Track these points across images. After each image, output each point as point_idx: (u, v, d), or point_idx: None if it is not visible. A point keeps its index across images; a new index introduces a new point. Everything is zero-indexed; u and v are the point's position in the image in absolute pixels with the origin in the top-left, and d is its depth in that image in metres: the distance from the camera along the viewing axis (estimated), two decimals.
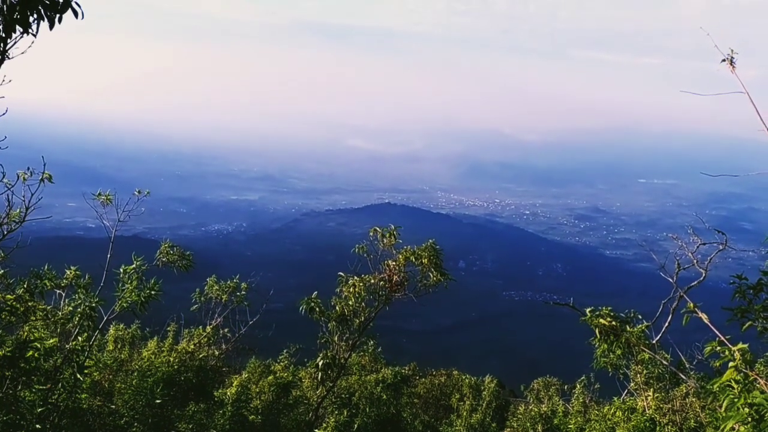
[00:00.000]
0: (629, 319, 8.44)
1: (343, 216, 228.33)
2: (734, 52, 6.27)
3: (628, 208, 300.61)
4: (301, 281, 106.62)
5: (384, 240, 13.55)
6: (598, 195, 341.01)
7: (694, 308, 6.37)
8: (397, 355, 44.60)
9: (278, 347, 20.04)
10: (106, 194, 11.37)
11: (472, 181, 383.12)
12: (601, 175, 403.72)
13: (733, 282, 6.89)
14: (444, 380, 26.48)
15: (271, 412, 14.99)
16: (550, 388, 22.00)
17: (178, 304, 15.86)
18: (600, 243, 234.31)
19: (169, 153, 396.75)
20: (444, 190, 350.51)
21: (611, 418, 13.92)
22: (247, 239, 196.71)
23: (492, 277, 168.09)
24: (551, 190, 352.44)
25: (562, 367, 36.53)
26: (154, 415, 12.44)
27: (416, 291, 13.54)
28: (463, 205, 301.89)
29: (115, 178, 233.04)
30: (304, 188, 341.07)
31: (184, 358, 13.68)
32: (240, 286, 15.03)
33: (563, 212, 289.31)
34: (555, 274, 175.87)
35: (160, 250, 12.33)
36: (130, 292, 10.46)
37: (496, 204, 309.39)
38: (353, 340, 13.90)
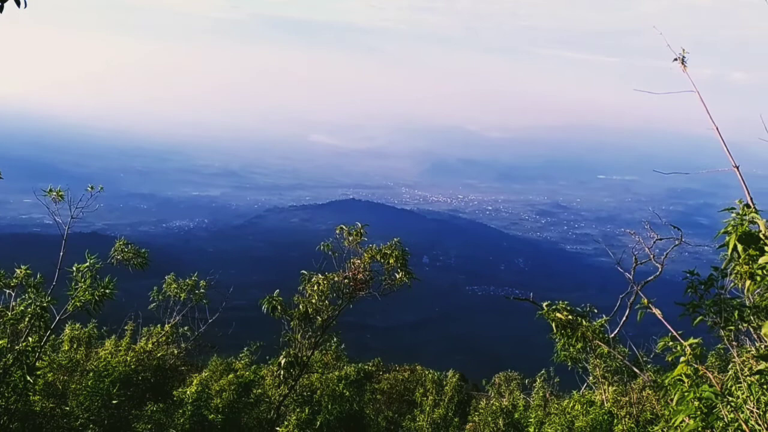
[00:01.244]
0: (586, 313, 8.55)
1: (307, 212, 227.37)
2: (685, 52, 6.39)
3: (588, 203, 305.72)
4: (264, 278, 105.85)
5: (350, 238, 13.51)
6: (559, 191, 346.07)
7: (649, 304, 6.48)
8: (362, 351, 44.57)
9: (241, 345, 19.86)
10: (57, 190, 11.06)
11: (436, 177, 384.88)
12: (562, 171, 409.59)
13: (685, 277, 7.03)
14: (407, 376, 26.54)
15: (232, 411, 14.81)
16: (511, 383, 22.27)
17: (136, 303, 15.59)
18: (561, 238, 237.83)
19: (129, 148, 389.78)
20: (408, 186, 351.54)
21: (570, 412, 14.14)
22: (208, 236, 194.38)
23: (455, 272, 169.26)
24: (513, 186, 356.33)
25: (523, 362, 36.97)
26: (111, 416, 12.20)
27: (381, 290, 13.52)
28: (427, 201, 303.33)
29: (74, 174, 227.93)
30: (268, 184, 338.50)
31: (141, 357, 13.43)
32: (199, 284, 14.82)
33: (525, 208, 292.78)
34: (517, 269, 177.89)
35: (115, 247, 12.06)
36: (83, 291, 10.20)
37: (459, 200, 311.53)
38: (316, 338, 13.83)
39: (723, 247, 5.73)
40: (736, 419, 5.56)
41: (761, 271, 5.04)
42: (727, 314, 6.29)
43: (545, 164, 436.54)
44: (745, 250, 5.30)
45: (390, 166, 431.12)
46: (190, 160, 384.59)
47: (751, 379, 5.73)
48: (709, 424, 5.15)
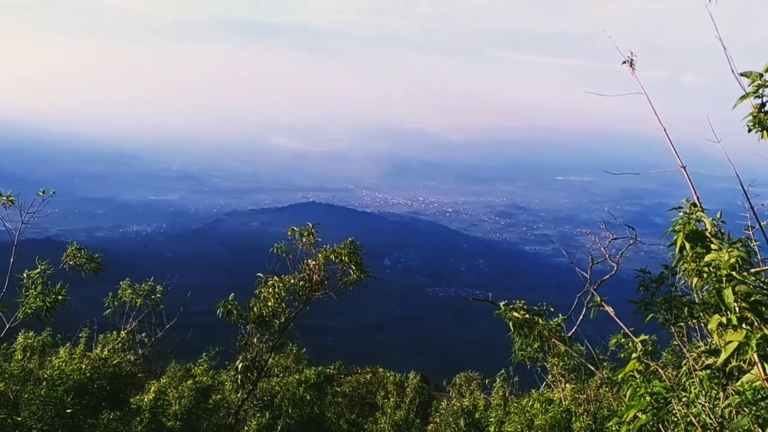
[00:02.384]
0: (542, 312, 8.68)
1: (267, 215, 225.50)
2: (634, 55, 6.55)
3: (546, 204, 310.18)
4: (224, 282, 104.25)
5: (303, 239, 13.46)
6: (517, 192, 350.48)
7: (601, 302, 6.62)
8: (323, 353, 44.39)
9: (200, 350, 19.57)
10: (7, 195, 10.77)
11: (396, 179, 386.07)
12: (520, 172, 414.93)
13: (637, 276, 7.20)
14: (369, 378, 26.53)
15: (190, 417, 14.60)
16: (471, 383, 22.43)
17: (91, 309, 15.26)
18: (520, 239, 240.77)
19: (85, 153, 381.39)
20: (369, 188, 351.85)
21: (530, 410, 14.32)
22: (166, 240, 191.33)
23: (416, 274, 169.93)
24: (473, 187, 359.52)
25: (484, 362, 37.24)
26: (65, 425, 11.91)
27: (337, 289, 13.51)
28: (388, 203, 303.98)
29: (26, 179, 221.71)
30: (227, 188, 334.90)
31: (97, 364, 13.14)
32: (155, 289, 14.59)
33: (484, 209, 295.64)
34: (477, 270, 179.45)
35: (67, 252, 11.79)
36: (34, 298, 9.95)
37: (419, 202, 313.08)
38: (273, 341, 13.74)
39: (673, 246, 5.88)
40: (688, 414, 5.71)
41: (707, 268, 5.19)
42: (677, 311, 6.45)
43: (504, 166, 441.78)
44: (693, 248, 5.46)
45: (350, 168, 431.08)
46: (147, 163, 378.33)
47: (702, 374, 5.89)
48: (660, 419, 5.28)
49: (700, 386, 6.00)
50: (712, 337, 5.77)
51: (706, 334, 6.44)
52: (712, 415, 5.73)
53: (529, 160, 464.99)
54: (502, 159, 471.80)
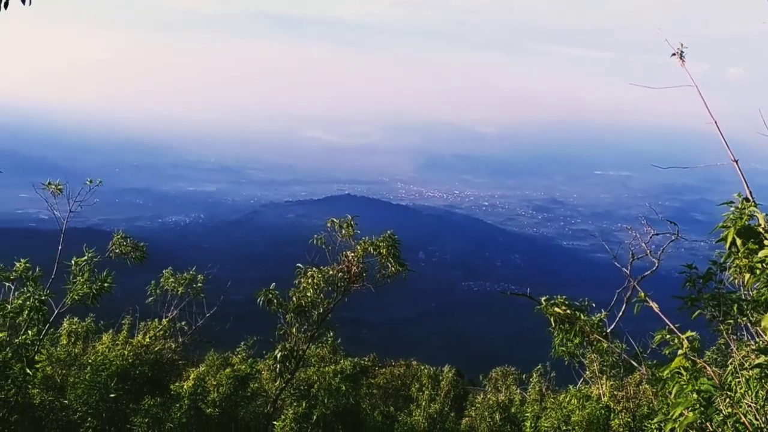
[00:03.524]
0: (583, 308, 8.59)
1: (303, 207, 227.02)
2: (684, 47, 6.41)
3: (584, 199, 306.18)
4: (260, 273, 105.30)
5: (342, 231, 13.52)
6: (555, 186, 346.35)
7: (646, 297, 6.52)
8: (357, 346, 44.58)
9: (237, 339, 19.83)
10: (56, 184, 11.05)
11: (430, 172, 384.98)
12: (557, 166, 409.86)
13: (683, 271, 7.06)
14: (403, 371, 26.59)
15: (228, 405, 14.83)
16: (507, 378, 22.31)
17: (133, 297, 15.56)
18: (557, 234, 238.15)
19: (122, 143, 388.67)
20: (403, 181, 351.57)
21: (567, 406, 14.19)
22: (205, 231, 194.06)
23: (451, 267, 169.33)
24: (509, 181, 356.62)
25: (519, 357, 37.03)
26: (108, 409, 12.21)
27: (375, 282, 13.54)
28: (423, 196, 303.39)
29: (68, 169, 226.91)
30: (263, 179, 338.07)
31: (139, 351, 13.43)
32: (196, 278, 14.81)
33: (521, 203, 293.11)
34: (513, 265, 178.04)
35: (113, 241, 12.05)
36: (81, 285, 10.21)
37: (455, 195, 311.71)
38: (312, 331, 13.85)
39: (721, 242, 5.75)
40: (735, 413, 5.60)
41: (761, 264, 5.07)
42: (726, 308, 6.32)
43: (540, 159, 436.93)
44: (744, 244, 5.33)
45: (385, 161, 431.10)
46: (184, 155, 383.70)
47: (750, 374, 5.77)
48: (708, 417, 5.18)
49: (746, 386, 5.88)
50: (762, 336, 5.64)
51: (755, 333, 6.30)
52: (758, 415, 5.62)
53: (566, 154, 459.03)
54: (538, 153, 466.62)
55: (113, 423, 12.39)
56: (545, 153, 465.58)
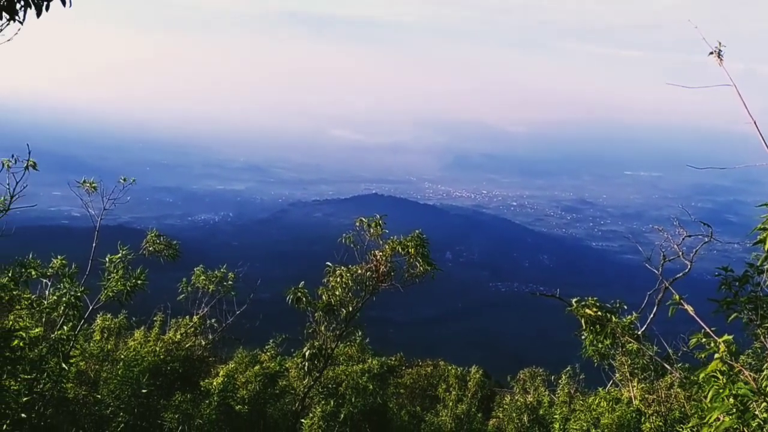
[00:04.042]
0: (615, 310, 8.49)
1: (330, 206, 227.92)
2: (722, 45, 6.29)
3: (614, 200, 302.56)
4: (287, 272, 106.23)
5: (370, 230, 13.54)
6: (584, 187, 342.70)
7: (680, 300, 6.42)
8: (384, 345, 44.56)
9: (265, 337, 19.98)
10: (90, 182, 11.25)
11: (458, 172, 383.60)
12: (586, 166, 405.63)
13: (718, 274, 6.95)
14: (430, 371, 26.52)
15: (257, 402, 14.96)
16: (536, 379, 22.13)
17: (164, 294, 15.76)
18: (586, 235, 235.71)
19: (152, 142, 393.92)
20: (431, 181, 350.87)
21: (596, 409, 14.04)
22: (233, 229, 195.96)
23: (478, 268, 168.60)
24: (537, 181, 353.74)
25: (547, 358, 36.75)
26: (140, 404, 12.40)
27: (403, 281, 13.54)
28: (450, 196, 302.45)
29: (100, 167, 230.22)
30: (291, 178, 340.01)
31: (170, 347, 13.61)
32: (227, 276, 14.96)
33: (550, 204, 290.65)
34: (541, 266, 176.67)
35: (147, 239, 12.25)
36: (115, 282, 10.40)
37: (483, 195, 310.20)
38: (340, 330, 13.90)
39: (758, 245, 5.64)
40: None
41: None
42: (763, 311, 6.21)
43: (569, 159, 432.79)
44: None
45: (412, 161, 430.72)
46: (212, 154, 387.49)
47: None
48: (745, 422, 5.09)
49: None
50: None
51: None
52: None
53: (596, 154, 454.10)
54: (568, 152, 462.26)
55: (145, 418, 12.58)
56: (574, 153, 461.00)
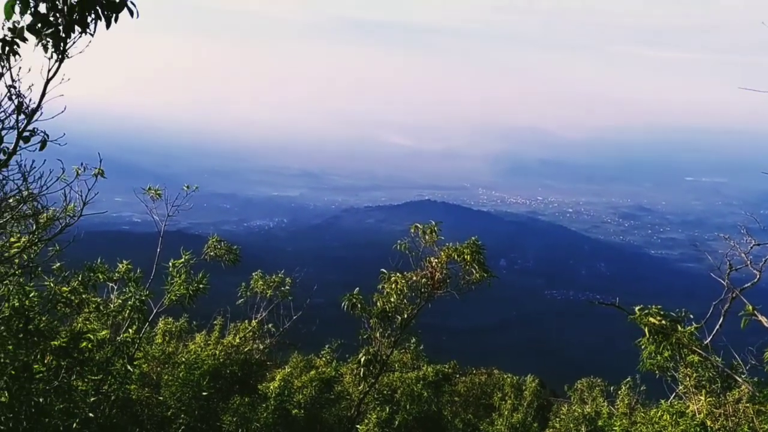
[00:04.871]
0: (680, 319, 8.24)
1: (383, 213, 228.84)
2: None
3: (674, 206, 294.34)
4: (340, 277, 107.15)
5: (425, 237, 13.50)
6: (642, 193, 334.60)
7: (754, 311, 6.18)
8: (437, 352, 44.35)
9: (318, 342, 20.15)
10: (155, 189, 11.60)
11: (513, 178, 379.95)
12: (645, 172, 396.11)
13: None
14: (485, 379, 26.28)
15: (313, 407, 15.09)
16: (594, 389, 21.64)
17: (223, 298, 16.08)
18: (645, 242, 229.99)
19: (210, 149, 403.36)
20: (485, 187, 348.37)
21: (658, 422, 13.62)
22: (287, 235, 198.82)
23: (533, 275, 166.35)
24: (594, 187, 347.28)
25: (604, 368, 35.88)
26: (201, 407, 12.65)
27: (459, 288, 13.45)
28: (505, 202, 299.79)
29: (160, 174, 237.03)
30: (344, 185, 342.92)
31: (229, 351, 13.87)
32: (285, 281, 15.16)
33: (607, 210, 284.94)
34: (598, 273, 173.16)
35: (208, 244, 12.53)
36: (178, 286, 10.68)
37: (538, 202, 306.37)
38: (395, 336, 13.89)
39: None
40: None
41: None
42: None
43: (627, 165, 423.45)
44: None
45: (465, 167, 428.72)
46: (268, 161, 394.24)
47: None
48: None
49: None
50: None
51: None
52: None
53: (655, 160, 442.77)
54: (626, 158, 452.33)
55: (204, 420, 12.83)
56: (633, 158, 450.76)
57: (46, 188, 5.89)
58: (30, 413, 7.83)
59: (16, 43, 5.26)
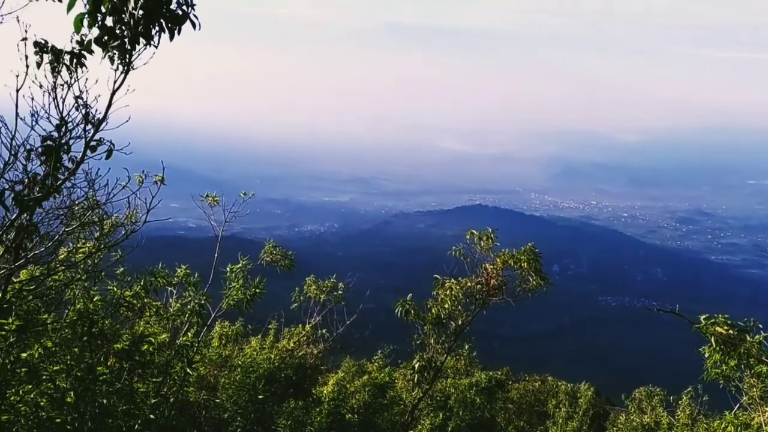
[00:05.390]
0: (749, 329, 7.94)
1: (433, 218, 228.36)
2: None
3: (735, 210, 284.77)
4: (391, 282, 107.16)
5: (481, 243, 13.40)
6: (701, 197, 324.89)
7: None
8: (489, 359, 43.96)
9: (368, 347, 20.18)
10: (213, 196, 11.84)
11: (566, 182, 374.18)
12: (704, 176, 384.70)
13: None
14: (538, 386, 25.88)
15: (367, 412, 15.13)
16: (653, 398, 21.03)
17: (277, 302, 16.26)
18: (704, 247, 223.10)
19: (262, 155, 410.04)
20: (537, 191, 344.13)
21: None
22: (338, 240, 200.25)
23: (587, 281, 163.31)
24: (650, 191, 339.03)
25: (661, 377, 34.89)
26: (256, 410, 12.82)
27: (514, 295, 13.31)
28: (558, 207, 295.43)
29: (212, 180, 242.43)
30: (394, 190, 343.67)
31: (284, 355, 14.02)
32: (338, 286, 15.26)
33: (663, 215, 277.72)
34: (655, 280, 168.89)
35: (264, 249, 12.73)
36: (236, 290, 10.86)
37: (592, 206, 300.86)
38: (449, 343, 13.81)
39: None
40: None
41: None
42: None
43: (685, 168, 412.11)
44: None
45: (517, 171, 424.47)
46: (318, 166, 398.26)
47: None
48: None
49: None
50: None
51: None
52: None
53: (715, 163, 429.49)
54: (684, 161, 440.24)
55: (260, 423, 13.00)
56: (691, 162, 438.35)
57: (112, 196, 6.06)
58: (94, 414, 8.07)
59: (83, 55, 5.44)
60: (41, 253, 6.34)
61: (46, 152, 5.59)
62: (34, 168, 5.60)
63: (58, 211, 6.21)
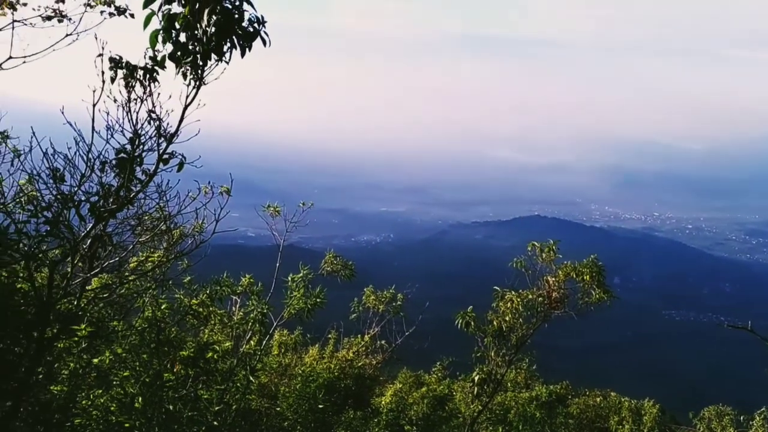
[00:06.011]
0: None
1: (490, 228, 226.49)
2: None
3: None
4: (448, 292, 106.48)
5: (542, 255, 13.20)
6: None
7: None
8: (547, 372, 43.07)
9: (425, 358, 20.04)
10: (274, 206, 12.03)
11: (627, 192, 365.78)
12: None
13: None
14: (599, 401, 25.23)
15: (426, 424, 15.00)
16: (723, 418, 20.23)
17: (335, 312, 16.36)
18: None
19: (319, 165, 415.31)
20: (597, 202, 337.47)
21: None
22: (394, 250, 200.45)
23: (650, 294, 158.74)
24: (716, 202, 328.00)
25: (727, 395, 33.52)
26: (316, 419, 12.88)
27: (576, 308, 13.05)
28: (619, 218, 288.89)
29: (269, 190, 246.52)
30: (450, 200, 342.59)
31: (344, 365, 14.07)
32: (396, 297, 15.25)
33: (732, 227, 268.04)
34: (722, 294, 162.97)
35: (325, 259, 12.84)
36: (297, 300, 10.98)
37: (654, 217, 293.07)
38: (510, 356, 13.62)
39: None
40: None
41: None
42: None
43: (754, 178, 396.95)
44: None
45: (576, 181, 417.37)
46: (373, 176, 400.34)
47: None
48: None
49: None
50: None
51: None
52: None
53: None
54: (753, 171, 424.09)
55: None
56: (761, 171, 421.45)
57: (184, 207, 6.22)
58: (161, 420, 8.25)
59: (156, 70, 5.62)
60: (114, 262, 6.56)
61: (120, 165, 5.78)
62: (109, 180, 5.80)
63: (129, 222, 6.41)
